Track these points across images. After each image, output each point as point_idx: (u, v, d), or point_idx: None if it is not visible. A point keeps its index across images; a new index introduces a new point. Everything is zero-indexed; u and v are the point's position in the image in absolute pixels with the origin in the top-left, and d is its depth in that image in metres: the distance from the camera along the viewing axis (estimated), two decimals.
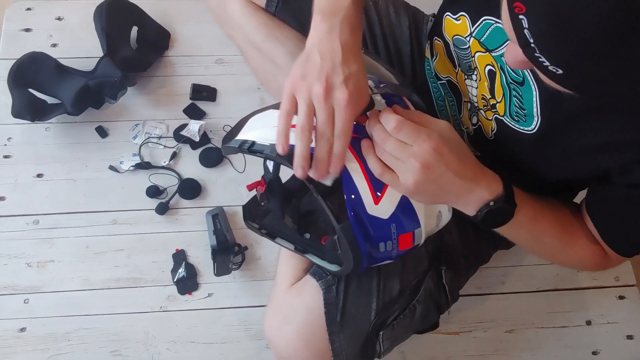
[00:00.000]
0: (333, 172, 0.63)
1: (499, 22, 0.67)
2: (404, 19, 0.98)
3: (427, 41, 0.98)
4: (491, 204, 0.64)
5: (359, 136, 0.64)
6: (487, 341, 1.10)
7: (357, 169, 0.64)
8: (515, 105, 0.68)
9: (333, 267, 0.78)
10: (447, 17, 0.77)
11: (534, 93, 0.64)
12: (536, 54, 0.43)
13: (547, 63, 0.43)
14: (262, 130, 0.67)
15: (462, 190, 0.63)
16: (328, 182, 0.64)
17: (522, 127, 0.68)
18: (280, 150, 0.63)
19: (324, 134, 0.61)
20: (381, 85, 0.71)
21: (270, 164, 0.76)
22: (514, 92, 0.67)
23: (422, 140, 0.60)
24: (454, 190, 0.63)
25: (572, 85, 0.45)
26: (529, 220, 0.69)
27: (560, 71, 0.43)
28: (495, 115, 0.72)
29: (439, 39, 0.81)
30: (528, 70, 0.64)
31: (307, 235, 0.82)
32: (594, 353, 1.11)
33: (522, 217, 0.67)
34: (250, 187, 0.79)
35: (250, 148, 0.66)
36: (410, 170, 0.60)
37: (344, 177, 0.63)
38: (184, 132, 1.19)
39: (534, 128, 0.67)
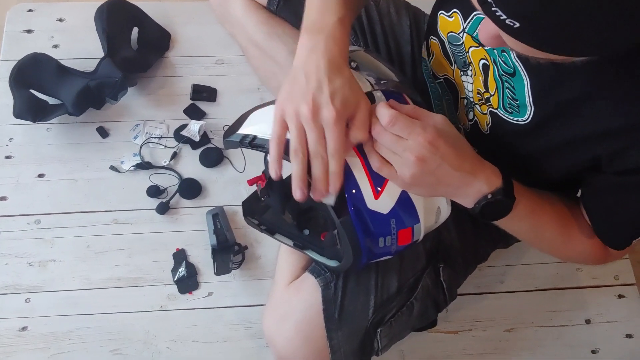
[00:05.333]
0: (332, 191, 0.63)
1: None
2: (404, 18, 0.99)
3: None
4: (489, 196, 0.64)
5: None
6: (486, 340, 1.10)
7: (358, 164, 0.64)
8: (508, 97, 0.68)
9: (332, 263, 0.78)
10: (441, 15, 0.77)
11: (525, 83, 0.65)
12: (493, 9, 0.43)
13: (503, 17, 0.43)
14: (263, 124, 0.68)
15: (459, 183, 0.64)
16: (330, 201, 0.64)
17: (515, 119, 0.69)
18: (273, 175, 0.64)
19: (317, 154, 0.61)
20: (382, 82, 0.71)
21: None
22: (506, 84, 0.68)
23: (416, 133, 0.60)
24: (451, 182, 0.63)
25: (531, 39, 0.45)
26: (528, 214, 0.69)
27: (517, 24, 0.43)
28: (490, 109, 0.73)
29: (434, 38, 0.81)
30: (518, 60, 0.65)
31: (307, 232, 0.82)
32: (593, 352, 1.11)
33: (521, 211, 0.67)
34: (250, 182, 0.80)
35: (252, 142, 0.67)
36: (406, 164, 0.61)
37: (345, 172, 0.64)
38: (184, 132, 1.20)
39: (527, 118, 0.67)
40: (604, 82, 0.58)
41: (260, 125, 0.68)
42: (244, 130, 0.69)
